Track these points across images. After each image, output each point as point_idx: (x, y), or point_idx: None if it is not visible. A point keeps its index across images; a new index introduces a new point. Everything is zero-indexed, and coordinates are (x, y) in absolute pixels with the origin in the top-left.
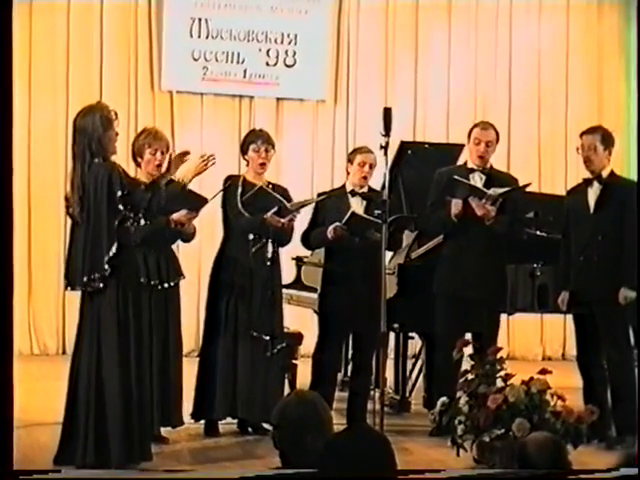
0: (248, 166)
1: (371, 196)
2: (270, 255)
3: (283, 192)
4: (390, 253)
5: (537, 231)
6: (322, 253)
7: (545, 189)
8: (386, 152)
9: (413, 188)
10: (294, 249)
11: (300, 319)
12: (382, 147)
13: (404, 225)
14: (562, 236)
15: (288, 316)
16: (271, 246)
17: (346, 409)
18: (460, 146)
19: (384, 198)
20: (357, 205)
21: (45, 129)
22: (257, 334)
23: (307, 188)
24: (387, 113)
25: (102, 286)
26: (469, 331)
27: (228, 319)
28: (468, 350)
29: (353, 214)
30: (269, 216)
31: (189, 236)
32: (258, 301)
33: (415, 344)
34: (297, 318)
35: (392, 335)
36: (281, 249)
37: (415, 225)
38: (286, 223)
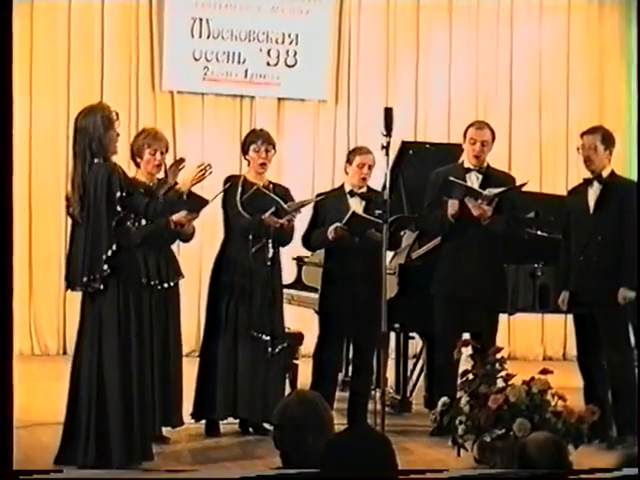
0: (249, 166)
1: (370, 196)
2: (270, 255)
3: (284, 192)
4: (390, 253)
5: (538, 231)
6: (322, 253)
7: (546, 189)
8: (387, 152)
9: (414, 188)
10: (295, 249)
11: (301, 319)
12: (383, 147)
13: (404, 225)
14: (562, 236)
15: (289, 316)
16: (271, 246)
17: (347, 409)
18: (461, 146)
19: (385, 198)
20: (356, 205)
21: (46, 129)
22: (257, 334)
23: (308, 188)
24: (388, 113)
25: (102, 287)
26: (467, 331)
27: (228, 319)
28: (468, 350)
29: (354, 214)
30: (267, 216)
31: (188, 236)
32: (258, 301)
33: (416, 344)
34: (298, 318)
35: (393, 335)
36: (282, 249)
37: (416, 225)
38: (285, 224)
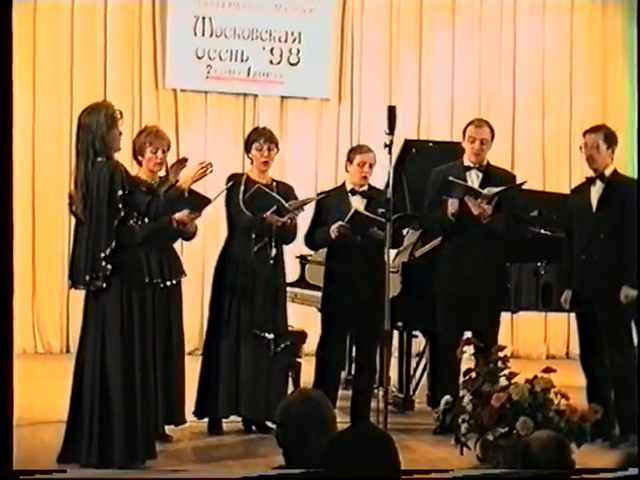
0: (252, 164)
1: (371, 194)
2: (273, 254)
3: (288, 190)
4: (393, 251)
5: (541, 230)
6: (325, 251)
7: (549, 188)
8: (390, 150)
9: (417, 186)
10: (298, 247)
11: (304, 317)
12: (386, 145)
13: (406, 223)
14: (565, 235)
15: (292, 314)
16: (274, 245)
17: (350, 407)
18: None
19: (388, 197)
20: (358, 204)
21: (49, 128)
22: (260, 332)
23: (311, 186)
24: (391, 111)
25: (105, 285)
26: (469, 330)
27: (231, 317)
28: (470, 349)
29: (356, 212)
30: (268, 215)
31: (191, 235)
32: (261, 299)
33: (419, 342)
34: (301, 316)
35: (396, 333)
36: (285, 248)
37: (419, 224)
38: (287, 222)
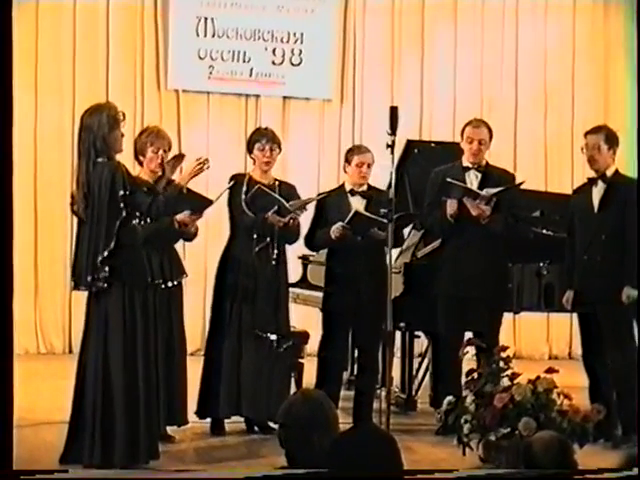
0: (254, 165)
1: (371, 194)
2: (275, 254)
3: (290, 190)
4: (395, 252)
5: (543, 230)
6: (326, 252)
7: (551, 189)
8: (392, 151)
9: (419, 187)
10: (300, 248)
11: (307, 318)
12: (388, 146)
13: (406, 223)
14: (567, 235)
15: (295, 315)
16: (276, 245)
17: (352, 408)
18: None
19: (390, 197)
20: (357, 204)
21: (51, 128)
22: (262, 333)
23: (313, 187)
24: (393, 112)
25: (107, 286)
26: (470, 330)
27: (233, 318)
28: (472, 349)
29: (356, 213)
30: (269, 215)
31: (191, 235)
32: (263, 300)
33: (421, 343)
34: (304, 317)
35: (398, 334)
36: (287, 248)
37: (421, 224)
38: (289, 222)
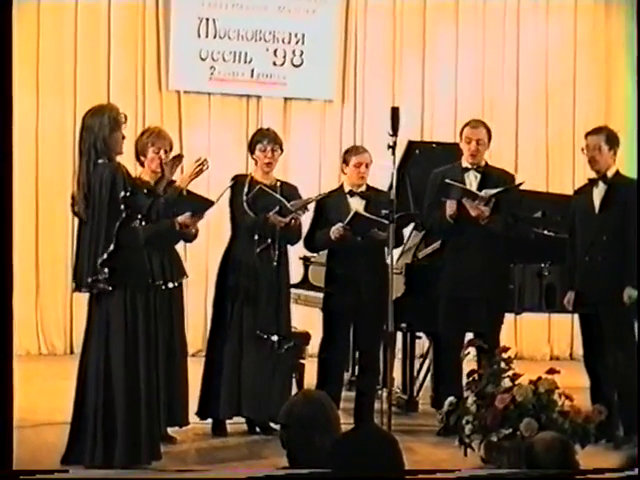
0: (256, 165)
1: (370, 195)
2: (276, 255)
3: (292, 190)
4: (397, 252)
5: (545, 231)
6: (327, 252)
7: (553, 189)
8: (394, 152)
9: (421, 188)
10: (302, 249)
11: (308, 319)
12: (390, 147)
13: (405, 223)
14: (568, 236)
15: (296, 316)
16: (277, 246)
17: (353, 409)
18: None
19: (392, 198)
20: (357, 205)
21: (53, 128)
22: (263, 334)
23: (315, 187)
24: (395, 113)
25: (109, 287)
26: (470, 331)
27: (234, 319)
28: (472, 350)
29: (356, 214)
30: (271, 215)
31: (192, 237)
32: (264, 301)
33: (423, 344)
34: (305, 318)
35: (400, 335)
36: (290, 249)
37: (422, 224)
38: (290, 222)
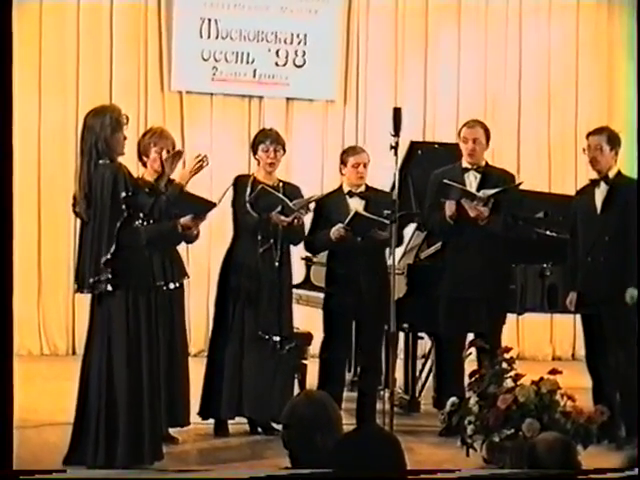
0: (259, 166)
1: (369, 195)
2: (278, 255)
3: (294, 190)
4: (399, 253)
5: (547, 231)
6: (327, 252)
7: (555, 189)
8: (396, 152)
9: (423, 188)
10: (303, 249)
11: (310, 319)
12: (392, 147)
13: (405, 222)
14: (570, 236)
15: (298, 316)
16: (279, 246)
17: (355, 409)
18: None
19: (394, 198)
20: (356, 205)
21: (55, 129)
22: (265, 334)
23: (317, 188)
24: (397, 113)
25: (111, 287)
26: (471, 331)
27: (236, 319)
28: (473, 350)
29: (356, 214)
30: (273, 215)
31: (193, 238)
32: (266, 301)
33: (425, 344)
34: (307, 318)
35: (402, 335)
36: (292, 249)
37: (423, 225)
38: (293, 222)
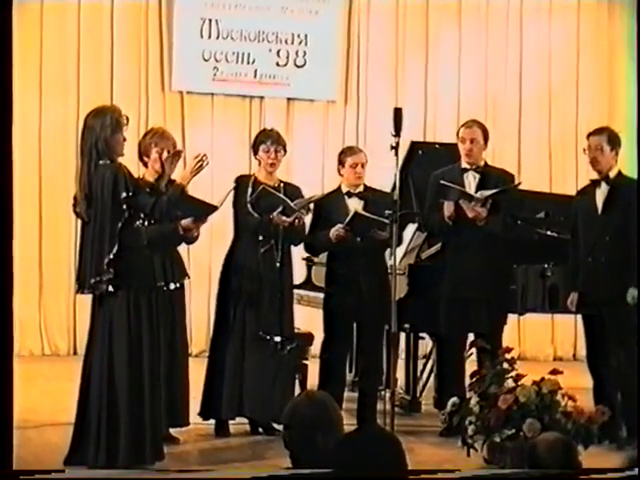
0: (260, 166)
1: (368, 195)
2: (279, 256)
3: (295, 191)
4: (400, 253)
5: (548, 231)
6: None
7: (556, 189)
8: (397, 152)
9: (423, 188)
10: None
11: (311, 319)
12: (393, 147)
13: (406, 223)
14: (571, 237)
15: (299, 316)
16: (280, 247)
17: (356, 410)
18: None
19: (395, 198)
20: (355, 205)
21: (56, 129)
22: (265, 335)
23: (317, 188)
24: (397, 113)
25: (112, 288)
26: (472, 331)
27: (237, 319)
28: (473, 350)
29: (356, 214)
30: (275, 215)
31: (193, 239)
32: (267, 302)
33: (426, 344)
34: (308, 318)
35: (403, 335)
36: (293, 249)
37: (424, 226)
38: (294, 222)
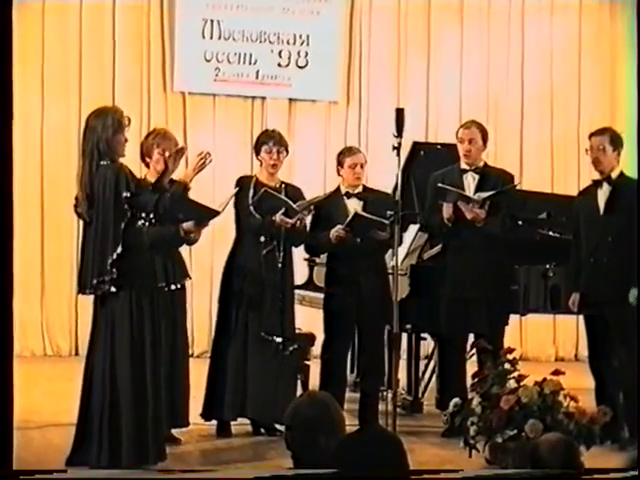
0: (261, 167)
1: (367, 195)
2: (281, 257)
3: (296, 192)
4: (402, 253)
5: (550, 232)
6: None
7: (558, 190)
8: (399, 153)
9: (425, 189)
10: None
11: (313, 320)
12: (394, 148)
13: (407, 223)
14: (573, 237)
15: (301, 317)
16: (282, 248)
17: (358, 410)
18: None
19: (397, 199)
20: (354, 206)
21: (57, 129)
22: (267, 336)
23: (319, 189)
24: (399, 114)
25: (114, 288)
26: (472, 332)
27: (239, 320)
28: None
29: (356, 215)
30: (277, 217)
31: (194, 241)
32: (269, 303)
33: (428, 345)
34: (310, 319)
35: (405, 336)
36: (295, 251)
37: (425, 227)
38: (296, 223)
